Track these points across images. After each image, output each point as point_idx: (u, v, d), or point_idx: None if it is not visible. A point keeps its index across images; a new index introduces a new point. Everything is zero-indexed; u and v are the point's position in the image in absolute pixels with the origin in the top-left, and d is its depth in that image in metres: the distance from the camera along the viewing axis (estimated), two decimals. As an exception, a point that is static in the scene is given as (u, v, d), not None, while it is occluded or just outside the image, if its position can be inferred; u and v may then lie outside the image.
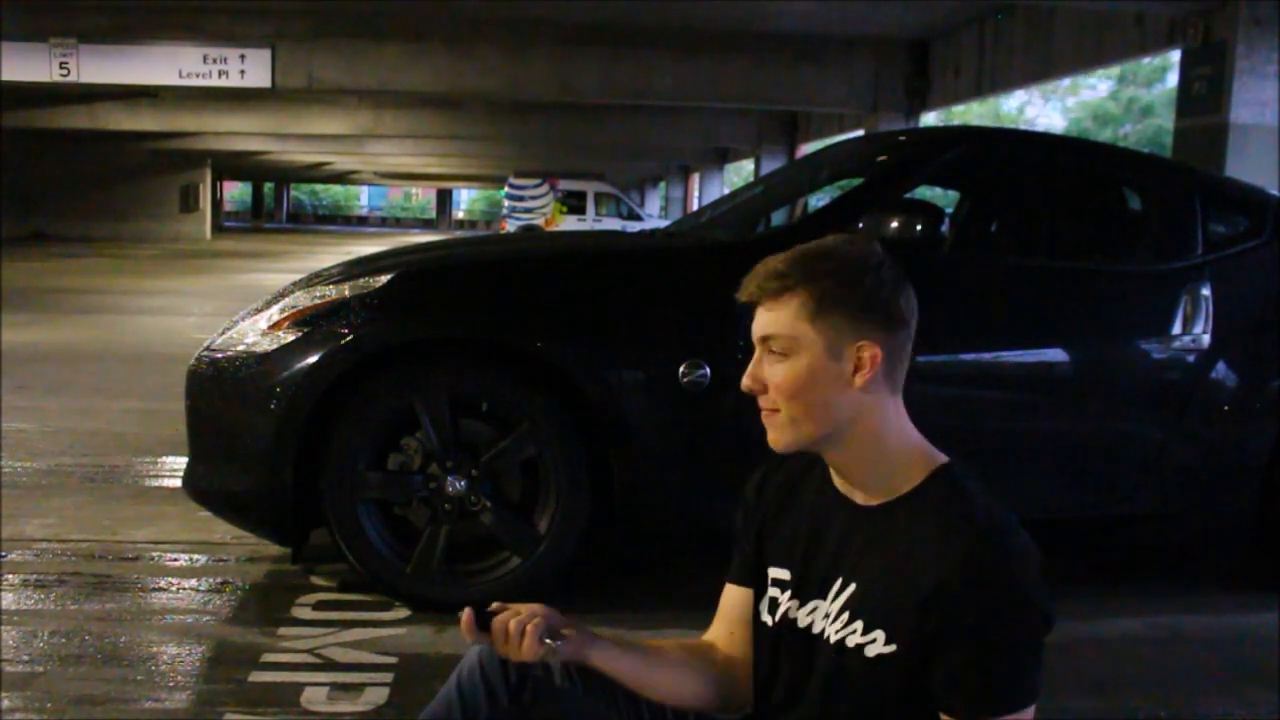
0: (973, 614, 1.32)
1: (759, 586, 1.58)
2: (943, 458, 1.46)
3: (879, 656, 1.39)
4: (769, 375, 1.44)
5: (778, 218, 4.29)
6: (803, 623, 1.49)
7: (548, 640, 1.43)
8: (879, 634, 1.39)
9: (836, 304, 1.40)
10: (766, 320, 1.44)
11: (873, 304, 1.41)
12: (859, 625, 1.42)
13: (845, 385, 1.42)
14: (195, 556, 3.53)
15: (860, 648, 1.41)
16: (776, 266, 1.43)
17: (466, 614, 1.44)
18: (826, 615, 1.47)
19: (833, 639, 1.44)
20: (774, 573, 1.56)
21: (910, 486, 1.43)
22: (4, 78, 13.59)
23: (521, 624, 1.44)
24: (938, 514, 1.39)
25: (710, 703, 1.60)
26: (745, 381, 1.46)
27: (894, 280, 1.42)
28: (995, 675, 1.33)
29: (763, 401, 1.46)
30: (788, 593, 1.52)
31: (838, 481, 1.50)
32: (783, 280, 1.42)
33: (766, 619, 1.55)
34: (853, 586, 1.45)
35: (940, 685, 1.35)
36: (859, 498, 1.47)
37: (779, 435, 1.46)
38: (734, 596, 1.64)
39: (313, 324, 3.02)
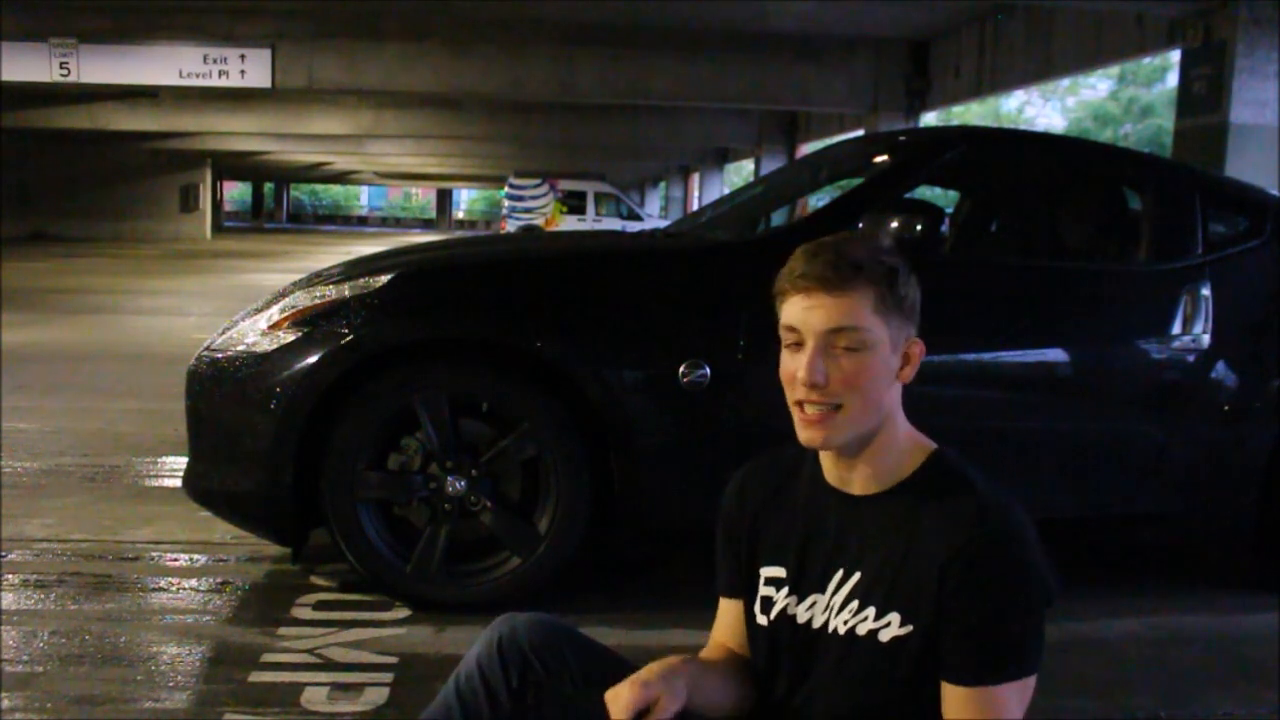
0: (980, 586, 1.35)
1: (750, 590, 1.57)
2: (933, 444, 1.49)
3: (894, 639, 1.41)
4: (839, 368, 1.40)
5: (778, 218, 4.29)
6: (802, 618, 1.49)
7: None
8: (894, 617, 1.41)
9: (900, 300, 1.42)
10: (835, 311, 1.39)
11: (913, 298, 1.45)
12: (870, 612, 1.43)
13: (893, 379, 1.45)
14: (195, 556, 3.53)
15: (874, 634, 1.42)
16: (851, 253, 1.40)
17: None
18: (828, 608, 1.47)
19: (841, 630, 1.45)
20: (767, 572, 1.55)
21: (909, 473, 1.45)
22: (4, 78, 13.61)
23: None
24: (941, 495, 1.41)
25: (744, 706, 1.57)
26: (809, 375, 1.39)
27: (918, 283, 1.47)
28: (1000, 644, 1.36)
29: (817, 396, 1.41)
30: (784, 590, 1.52)
31: (831, 474, 1.50)
32: (856, 270, 1.39)
33: (761, 620, 1.55)
34: (857, 575, 1.46)
35: (946, 654, 1.37)
36: (856, 488, 1.48)
37: (832, 433, 1.42)
38: (732, 609, 1.63)
39: (313, 324, 3.02)
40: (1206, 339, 3.35)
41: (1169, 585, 3.67)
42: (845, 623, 1.45)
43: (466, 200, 67.66)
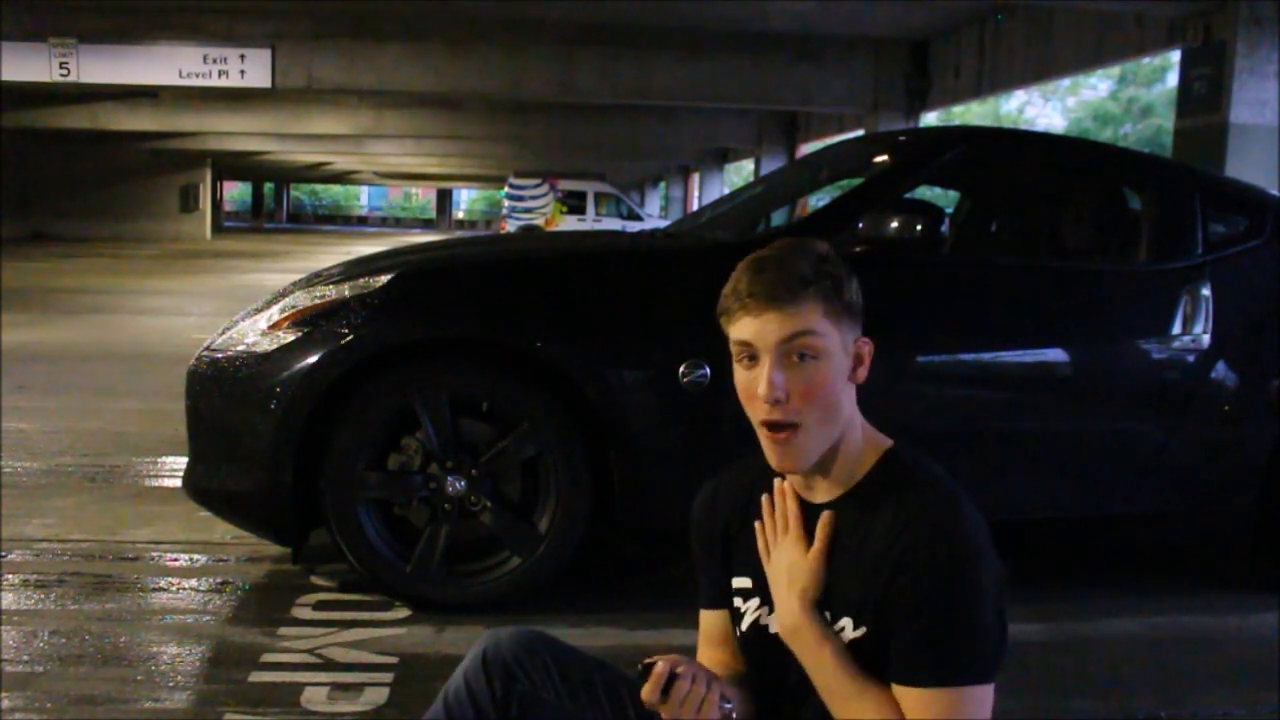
0: (928, 576, 1.33)
1: (730, 601, 1.58)
2: (888, 441, 1.48)
3: (851, 643, 1.40)
4: (799, 381, 1.39)
5: (778, 218, 4.29)
6: (774, 628, 1.50)
7: (725, 705, 1.42)
8: (846, 621, 1.41)
9: (844, 301, 1.42)
10: (789, 322, 1.38)
11: (858, 300, 1.44)
12: (825, 617, 1.43)
13: (848, 382, 1.44)
14: (195, 556, 3.53)
15: None
16: (797, 267, 1.39)
17: (658, 673, 1.37)
18: None
19: None
20: (737, 583, 1.56)
21: (863, 474, 1.45)
22: (4, 78, 13.61)
23: (700, 696, 1.38)
24: (890, 492, 1.41)
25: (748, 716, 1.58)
26: (771, 391, 1.38)
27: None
28: (950, 640, 1.33)
29: (777, 414, 1.39)
30: (754, 601, 1.53)
31: (797, 482, 1.50)
32: (804, 282, 1.39)
33: (738, 631, 1.56)
34: None
35: (896, 653, 1.35)
36: (818, 495, 1.48)
37: (800, 455, 1.41)
38: (714, 619, 1.64)
39: (313, 324, 3.02)
40: (1206, 339, 3.35)
41: (1169, 585, 3.67)
42: None
43: (466, 200, 67.67)
